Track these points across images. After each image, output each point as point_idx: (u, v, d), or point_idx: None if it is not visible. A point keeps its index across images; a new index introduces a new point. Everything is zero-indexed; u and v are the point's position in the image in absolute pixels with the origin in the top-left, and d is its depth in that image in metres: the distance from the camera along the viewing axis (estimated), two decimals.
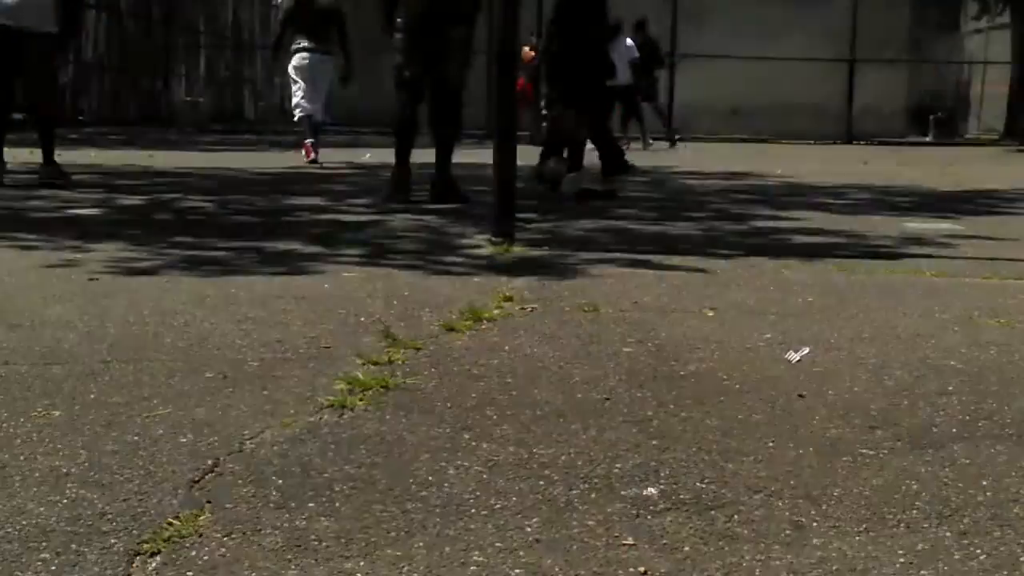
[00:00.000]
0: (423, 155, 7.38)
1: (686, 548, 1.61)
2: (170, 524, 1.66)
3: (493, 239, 4.75)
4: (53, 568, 1.51)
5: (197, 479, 1.85)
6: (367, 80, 23.80)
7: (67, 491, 1.79)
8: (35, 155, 8.27)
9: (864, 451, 2.06)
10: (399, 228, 5.51)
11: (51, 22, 7.18)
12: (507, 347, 2.85)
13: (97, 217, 5.84)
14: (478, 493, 1.81)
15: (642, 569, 1.54)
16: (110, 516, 1.69)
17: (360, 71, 22.90)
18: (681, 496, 1.81)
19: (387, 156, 12.37)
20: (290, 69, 10.65)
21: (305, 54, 10.36)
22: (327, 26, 10.31)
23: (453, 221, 5.82)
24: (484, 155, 6.39)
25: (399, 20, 6.88)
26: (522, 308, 3.37)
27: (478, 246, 4.77)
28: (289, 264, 4.19)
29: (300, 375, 2.53)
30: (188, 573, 1.51)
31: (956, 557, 1.60)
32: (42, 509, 1.71)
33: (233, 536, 1.63)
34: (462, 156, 12.69)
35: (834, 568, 1.55)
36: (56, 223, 5.47)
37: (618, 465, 1.96)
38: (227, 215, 6.08)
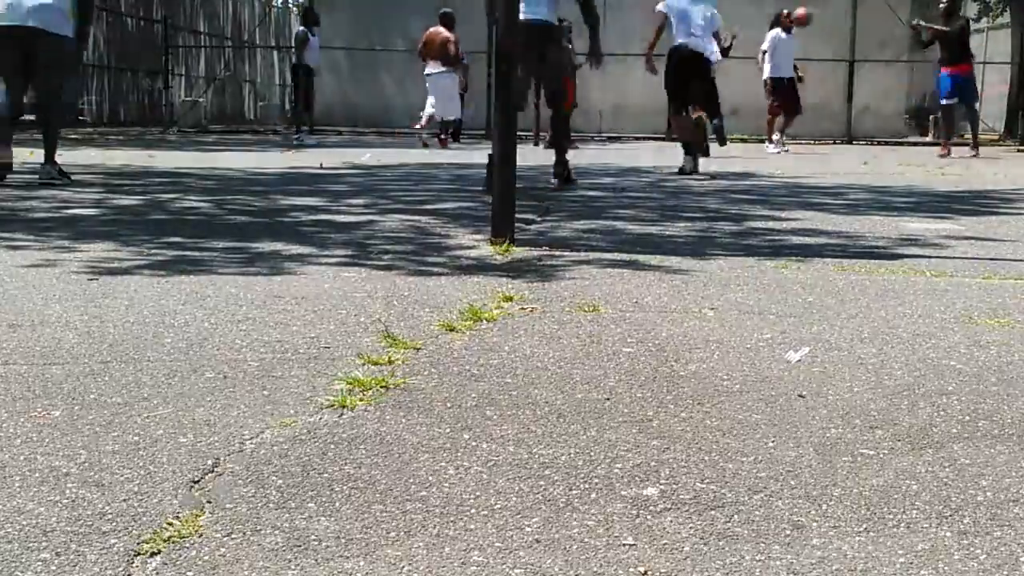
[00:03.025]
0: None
1: (686, 548, 1.61)
2: (170, 524, 1.66)
3: (493, 239, 4.75)
4: (53, 568, 1.51)
5: (197, 479, 1.85)
6: (368, 83, 23.87)
7: (67, 491, 1.79)
8: (35, 155, 8.27)
9: (864, 451, 2.06)
10: (398, 228, 5.51)
11: (67, 26, 7.35)
12: (507, 347, 2.85)
13: (97, 217, 5.84)
14: (478, 493, 1.81)
15: (642, 569, 1.54)
16: (110, 516, 1.69)
17: (361, 76, 23.18)
18: (681, 496, 1.81)
19: (387, 157, 12.39)
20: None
21: (433, 75, 15.21)
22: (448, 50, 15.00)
23: (453, 222, 5.83)
24: (484, 155, 6.39)
25: None
26: (522, 308, 3.37)
27: (478, 246, 4.77)
28: (288, 264, 4.19)
29: (300, 375, 2.53)
30: (188, 573, 1.51)
31: (956, 557, 1.60)
32: (42, 509, 1.71)
33: (233, 536, 1.63)
34: (462, 156, 12.70)
35: (834, 568, 1.55)
36: (55, 223, 5.47)
37: (618, 465, 1.96)
38: (226, 215, 6.08)
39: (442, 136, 15.69)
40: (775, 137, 15.82)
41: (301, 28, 17.91)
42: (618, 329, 3.08)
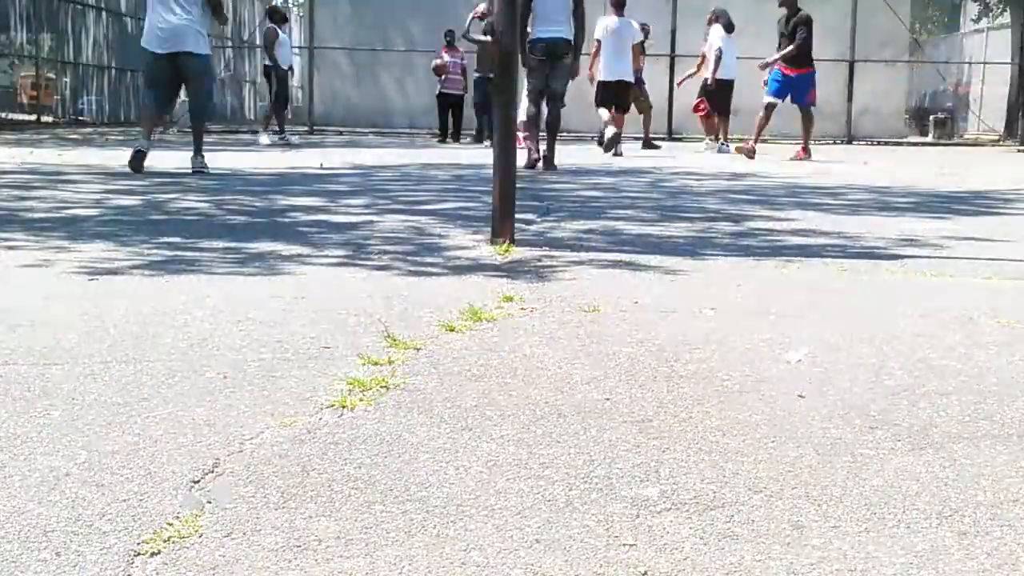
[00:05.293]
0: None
1: (686, 548, 1.61)
2: (170, 524, 1.66)
3: (492, 239, 4.75)
4: (53, 568, 1.51)
5: (197, 479, 1.85)
6: (368, 83, 23.85)
7: (67, 491, 1.79)
8: (34, 155, 8.27)
9: (864, 451, 2.06)
10: (398, 228, 5.51)
11: (203, 44, 8.94)
12: (507, 347, 2.85)
13: (96, 217, 5.84)
14: (478, 493, 1.81)
15: (642, 569, 1.54)
16: (110, 516, 1.69)
17: (361, 76, 23.32)
18: (681, 496, 1.81)
19: (386, 156, 12.39)
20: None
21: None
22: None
23: (453, 222, 5.83)
24: (484, 155, 6.39)
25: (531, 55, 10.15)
26: (522, 308, 3.37)
27: (478, 246, 4.77)
28: (287, 264, 4.19)
29: (300, 375, 2.53)
30: (188, 573, 1.51)
31: (956, 557, 1.60)
32: (42, 509, 1.71)
33: (233, 536, 1.63)
34: (462, 156, 12.70)
35: (834, 568, 1.55)
36: (54, 223, 5.47)
37: (618, 465, 1.96)
38: (226, 215, 6.08)
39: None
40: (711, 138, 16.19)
41: (270, 26, 16.69)
42: (618, 329, 3.08)
